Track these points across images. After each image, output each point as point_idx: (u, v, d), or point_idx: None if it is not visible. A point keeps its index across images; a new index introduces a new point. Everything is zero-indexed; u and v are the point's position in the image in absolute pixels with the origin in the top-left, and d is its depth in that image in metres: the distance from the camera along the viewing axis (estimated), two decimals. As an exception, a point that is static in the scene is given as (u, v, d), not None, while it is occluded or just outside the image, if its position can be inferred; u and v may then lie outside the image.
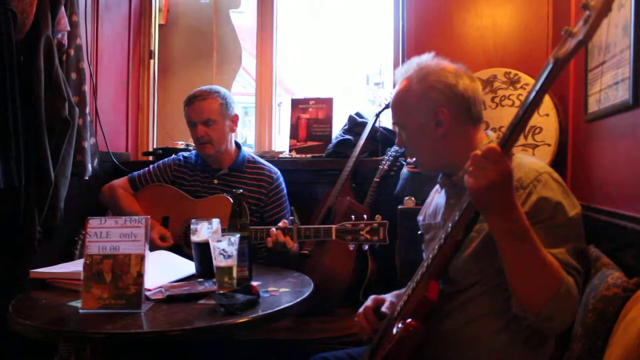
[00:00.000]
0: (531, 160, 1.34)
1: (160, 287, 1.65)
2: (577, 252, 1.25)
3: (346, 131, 2.80)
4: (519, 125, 1.08)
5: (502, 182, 1.09)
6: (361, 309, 1.59)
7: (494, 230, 1.17)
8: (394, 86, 1.54)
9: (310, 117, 2.96)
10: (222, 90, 2.40)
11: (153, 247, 2.13)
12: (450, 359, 1.36)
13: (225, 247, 1.59)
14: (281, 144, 3.21)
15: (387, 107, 2.61)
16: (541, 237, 1.18)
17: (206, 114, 2.32)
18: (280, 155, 2.90)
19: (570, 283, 1.18)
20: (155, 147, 3.26)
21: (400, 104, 1.47)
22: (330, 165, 2.73)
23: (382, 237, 1.86)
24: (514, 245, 1.15)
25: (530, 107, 1.06)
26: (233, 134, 2.43)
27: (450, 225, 1.26)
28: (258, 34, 3.19)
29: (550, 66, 1.00)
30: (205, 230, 1.77)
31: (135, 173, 2.48)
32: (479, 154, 1.10)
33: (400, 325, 1.23)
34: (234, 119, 2.41)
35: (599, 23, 0.90)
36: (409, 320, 1.23)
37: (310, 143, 2.92)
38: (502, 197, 1.11)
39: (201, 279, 1.75)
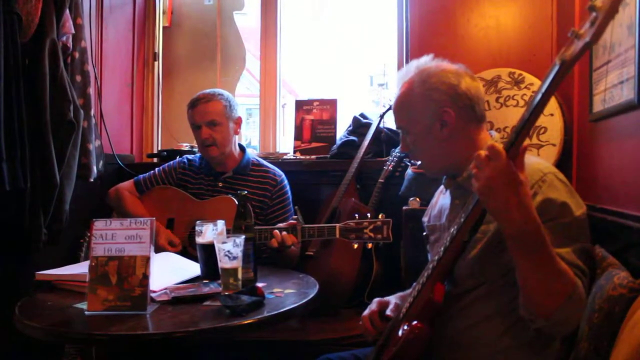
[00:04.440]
0: (535, 161, 1.34)
1: (166, 288, 1.66)
2: (583, 252, 1.24)
3: (350, 132, 2.80)
4: (525, 127, 1.06)
5: (500, 182, 1.06)
6: (366, 312, 1.57)
7: (504, 233, 1.15)
8: (397, 90, 1.53)
9: (314, 119, 2.96)
10: (225, 92, 2.41)
11: (159, 250, 2.14)
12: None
13: (230, 249, 1.59)
14: (285, 145, 3.21)
15: (391, 108, 2.60)
16: (547, 237, 1.17)
17: (210, 115, 2.32)
18: (285, 157, 2.90)
19: (580, 286, 1.17)
20: (159, 148, 3.27)
21: (403, 108, 1.46)
22: (334, 167, 2.73)
23: (386, 235, 1.85)
24: (524, 249, 1.12)
25: (536, 110, 1.04)
26: (237, 136, 2.44)
27: (455, 227, 1.25)
28: (262, 35, 3.20)
29: (556, 68, 0.98)
30: (210, 232, 1.77)
31: (141, 176, 2.49)
32: (482, 154, 1.08)
33: (405, 328, 1.23)
34: (238, 121, 2.42)
35: (606, 25, 0.89)
36: (415, 322, 1.22)
37: (314, 144, 2.92)
38: (504, 198, 1.06)
39: (206, 281, 1.75)
